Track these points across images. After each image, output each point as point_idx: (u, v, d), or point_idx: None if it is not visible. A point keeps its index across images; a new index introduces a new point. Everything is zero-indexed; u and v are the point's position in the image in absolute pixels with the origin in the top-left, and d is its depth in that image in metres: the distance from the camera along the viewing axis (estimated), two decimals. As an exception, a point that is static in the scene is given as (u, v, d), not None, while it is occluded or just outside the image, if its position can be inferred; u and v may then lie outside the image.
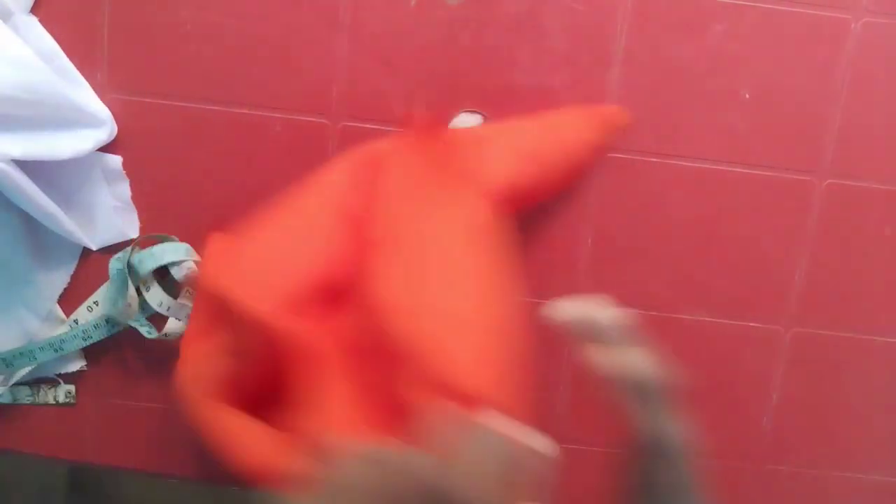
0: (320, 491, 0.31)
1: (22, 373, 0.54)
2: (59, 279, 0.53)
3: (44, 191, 0.48)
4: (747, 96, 0.52)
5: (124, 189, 0.52)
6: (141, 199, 0.53)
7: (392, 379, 0.39)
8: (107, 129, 0.50)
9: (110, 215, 0.52)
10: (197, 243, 0.53)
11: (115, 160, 0.51)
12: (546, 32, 0.51)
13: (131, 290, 0.51)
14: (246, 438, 0.42)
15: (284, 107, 0.52)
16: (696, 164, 0.53)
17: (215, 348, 0.45)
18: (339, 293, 0.44)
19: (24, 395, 0.55)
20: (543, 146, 0.50)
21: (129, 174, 0.52)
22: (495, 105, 0.52)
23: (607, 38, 0.51)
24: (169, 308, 0.52)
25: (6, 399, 0.55)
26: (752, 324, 0.55)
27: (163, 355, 0.54)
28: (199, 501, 1.03)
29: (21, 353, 0.52)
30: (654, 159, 0.53)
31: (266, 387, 0.44)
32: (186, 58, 0.50)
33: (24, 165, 0.46)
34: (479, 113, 0.52)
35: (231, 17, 0.50)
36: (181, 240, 0.53)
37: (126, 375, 0.55)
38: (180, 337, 0.50)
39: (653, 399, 0.36)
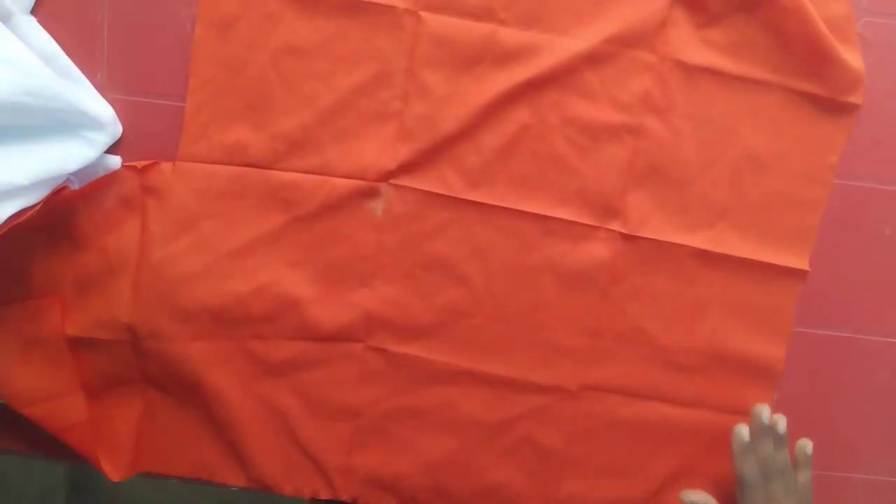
0: None
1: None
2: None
3: (44, 191, 0.48)
4: (747, 96, 0.52)
5: (124, 189, 0.52)
6: (141, 200, 0.53)
7: None
8: (111, 131, 0.50)
9: (110, 215, 0.52)
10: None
11: (115, 160, 0.51)
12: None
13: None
14: None
15: (284, 107, 0.52)
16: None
17: None
18: None
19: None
20: None
21: (129, 174, 0.52)
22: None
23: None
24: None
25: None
26: (752, 324, 0.55)
27: (163, 355, 0.54)
28: (199, 501, 1.03)
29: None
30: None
31: None
32: (186, 58, 0.50)
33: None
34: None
35: (231, 17, 0.50)
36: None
37: (126, 375, 0.55)
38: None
39: None
